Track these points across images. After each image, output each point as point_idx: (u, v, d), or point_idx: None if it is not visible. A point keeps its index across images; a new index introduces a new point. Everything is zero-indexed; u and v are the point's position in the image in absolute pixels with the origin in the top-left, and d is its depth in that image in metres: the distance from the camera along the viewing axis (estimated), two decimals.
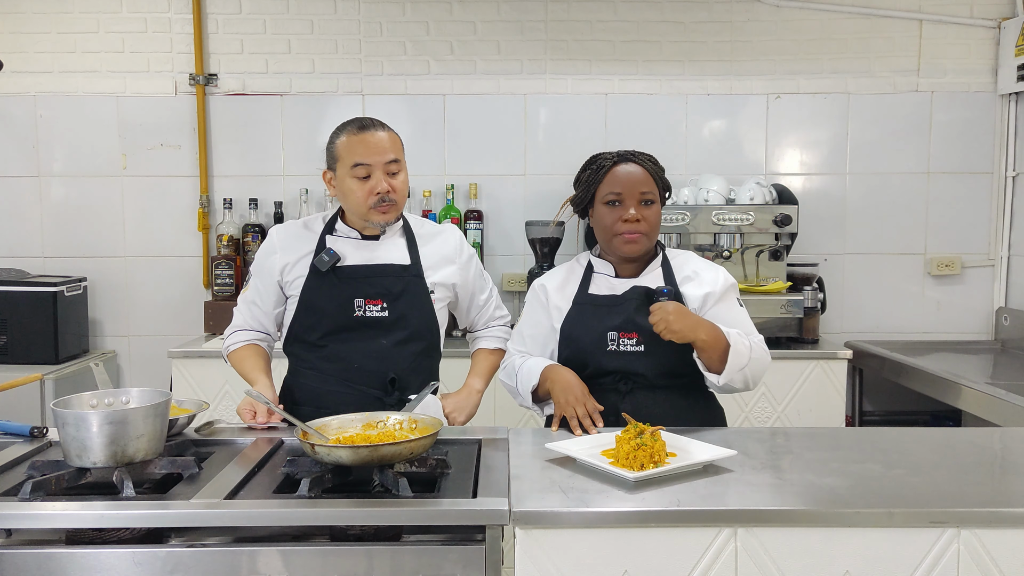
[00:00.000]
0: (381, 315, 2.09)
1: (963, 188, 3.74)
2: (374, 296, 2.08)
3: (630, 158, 2.10)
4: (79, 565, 1.43)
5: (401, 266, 2.13)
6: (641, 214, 2.06)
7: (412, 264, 2.14)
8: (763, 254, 3.45)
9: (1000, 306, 3.74)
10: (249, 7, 3.67)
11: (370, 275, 2.10)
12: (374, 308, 2.09)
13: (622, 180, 2.07)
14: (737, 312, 2.12)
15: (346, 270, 2.09)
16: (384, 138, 2.08)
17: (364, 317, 2.08)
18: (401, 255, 2.15)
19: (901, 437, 1.95)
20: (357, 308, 2.08)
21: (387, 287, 2.10)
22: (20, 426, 1.93)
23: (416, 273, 2.13)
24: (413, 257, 2.15)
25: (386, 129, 2.11)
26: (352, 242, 2.14)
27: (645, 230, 2.06)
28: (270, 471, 1.69)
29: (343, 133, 2.09)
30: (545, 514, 1.45)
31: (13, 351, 3.36)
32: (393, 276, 2.11)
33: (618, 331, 2.05)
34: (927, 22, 3.68)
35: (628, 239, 2.06)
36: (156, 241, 3.72)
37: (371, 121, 2.10)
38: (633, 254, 2.10)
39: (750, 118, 3.73)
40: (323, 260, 2.08)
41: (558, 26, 3.69)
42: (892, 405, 3.71)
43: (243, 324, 2.21)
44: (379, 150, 2.06)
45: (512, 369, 2.16)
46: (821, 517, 1.46)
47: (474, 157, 3.73)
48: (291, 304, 2.15)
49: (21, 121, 3.68)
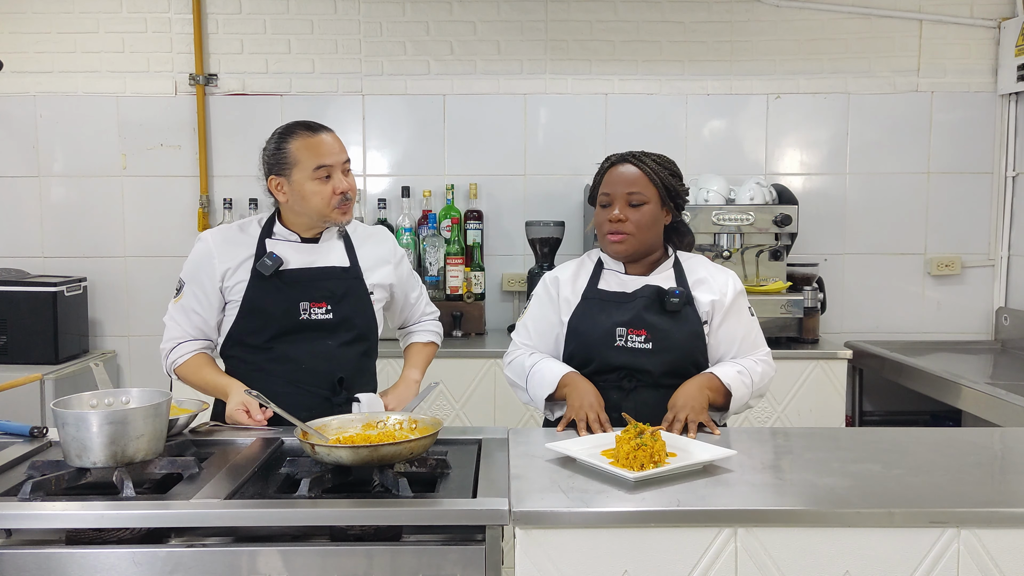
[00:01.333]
0: (326, 317, 2.10)
1: (963, 188, 3.74)
2: (319, 299, 2.10)
3: (629, 159, 2.10)
4: (79, 565, 1.43)
5: (342, 268, 2.15)
6: (626, 214, 2.06)
7: (352, 266, 2.16)
8: (763, 254, 3.45)
9: (1000, 306, 3.74)
10: (249, 7, 3.67)
11: (314, 278, 2.11)
12: (319, 311, 2.10)
13: (614, 180, 2.09)
14: (748, 324, 2.13)
15: (290, 274, 2.10)
16: (334, 139, 2.11)
17: (310, 320, 2.09)
18: (340, 257, 2.16)
19: (901, 437, 1.95)
20: (303, 311, 2.09)
21: (331, 289, 2.11)
22: (20, 426, 1.93)
23: (356, 275, 2.16)
24: (352, 259, 2.17)
25: (332, 131, 2.13)
26: (292, 245, 2.14)
27: (629, 231, 2.06)
28: (270, 471, 1.69)
29: (293, 138, 2.08)
30: (545, 514, 1.45)
31: (13, 351, 3.36)
32: (335, 278, 2.13)
33: (627, 327, 2.06)
34: (927, 22, 3.68)
35: (612, 240, 2.08)
36: (156, 241, 3.72)
37: (316, 123, 2.12)
38: (618, 255, 2.11)
39: (750, 118, 3.73)
40: (266, 264, 2.07)
41: (558, 26, 3.69)
42: (892, 405, 3.71)
43: (183, 335, 2.14)
44: (336, 151, 2.09)
45: (521, 367, 2.15)
46: (821, 517, 1.46)
47: (474, 157, 3.73)
48: (230, 309, 2.13)
49: (21, 121, 3.68)
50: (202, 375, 2.12)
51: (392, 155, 3.74)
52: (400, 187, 3.67)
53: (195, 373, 2.13)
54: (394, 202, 3.68)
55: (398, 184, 3.69)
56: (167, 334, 2.16)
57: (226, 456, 1.77)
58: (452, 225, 3.57)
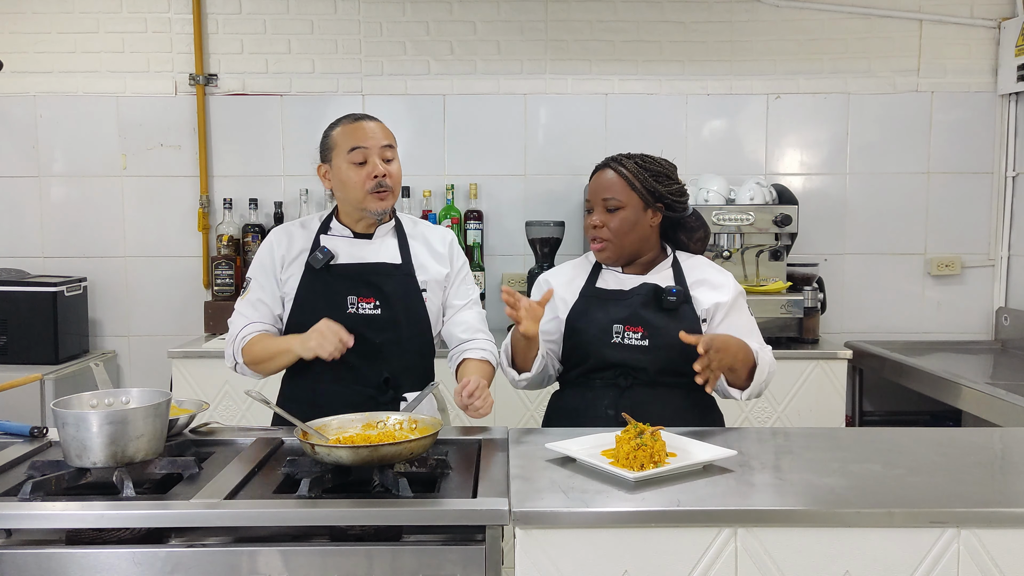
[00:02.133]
0: (374, 313, 2.09)
1: (963, 188, 3.74)
2: (367, 294, 2.09)
3: (610, 163, 2.12)
4: (79, 565, 1.43)
5: (393, 264, 2.14)
6: (603, 220, 2.08)
7: (404, 263, 2.15)
8: (763, 254, 3.45)
9: (1000, 306, 3.74)
10: (249, 7, 3.67)
11: (363, 273, 2.11)
12: (367, 306, 2.09)
13: (593, 187, 2.13)
14: (748, 322, 2.14)
15: (339, 268, 2.10)
16: (377, 126, 2.12)
17: (357, 314, 2.08)
18: (393, 254, 2.15)
19: (901, 437, 1.95)
20: (350, 305, 2.08)
21: (379, 285, 2.10)
22: (20, 426, 1.93)
23: (407, 272, 2.14)
24: (404, 256, 2.16)
25: (378, 121, 2.15)
26: (345, 240, 2.15)
27: (607, 236, 2.08)
28: (270, 471, 1.69)
29: (338, 125, 2.14)
30: (545, 514, 1.45)
31: (13, 351, 3.36)
32: (385, 274, 2.12)
33: (623, 324, 2.06)
34: (927, 22, 3.68)
35: (594, 247, 2.12)
36: (156, 241, 3.72)
37: (364, 114, 2.15)
38: (602, 260, 2.14)
39: (750, 118, 3.73)
40: (317, 258, 2.09)
41: (558, 26, 3.69)
42: (892, 405, 3.71)
43: (250, 319, 2.11)
44: (374, 135, 2.10)
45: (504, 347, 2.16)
46: (821, 517, 1.46)
47: (474, 157, 3.73)
48: (287, 303, 2.15)
49: (21, 121, 3.68)
50: (267, 342, 2.06)
51: None
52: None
53: (261, 341, 2.06)
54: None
55: None
56: (232, 328, 2.12)
57: (226, 456, 1.77)
58: (452, 225, 3.57)
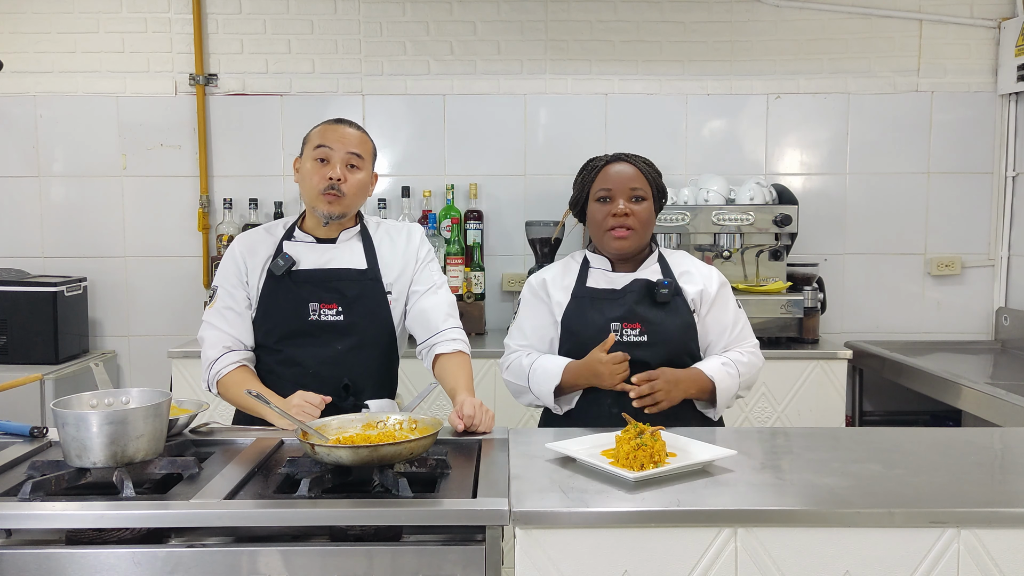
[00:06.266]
0: (336, 319, 2.07)
1: (963, 188, 3.74)
2: (329, 300, 2.07)
3: (623, 158, 2.15)
4: (79, 565, 1.43)
5: (357, 270, 2.11)
6: (630, 209, 2.09)
7: (369, 268, 2.12)
8: (763, 254, 3.45)
9: (1000, 306, 3.74)
10: (249, 7, 3.67)
11: (325, 279, 2.09)
12: (329, 312, 2.07)
13: (613, 177, 2.12)
14: (735, 313, 2.16)
15: (301, 274, 2.08)
16: (353, 133, 2.11)
17: (319, 321, 2.06)
18: (357, 259, 2.13)
19: (901, 437, 1.95)
20: (312, 312, 2.06)
21: (342, 291, 2.08)
22: (20, 426, 1.93)
23: (373, 277, 2.12)
24: (370, 260, 2.13)
25: (359, 129, 2.13)
26: (308, 246, 2.14)
27: (634, 225, 2.09)
28: (270, 471, 1.69)
29: (319, 124, 2.14)
30: (545, 514, 1.45)
31: (13, 351, 3.36)
32: (348, 280, 2.09)
33: (621, 322, 2.07)
34: (927, 22, 3.68)
35: (617, 235, 2.10)
36: (156, 241, 3.72)
37: (349, 121, 2.15)
38: (623, 251, 2.12)
39: (750, 118, 3.73)
40: (278, 264, 2.07)
41: (558, 26, 3.69)
42: (892, 405, 3.71)
43: (223, 341, 2.07)
44: (344, 140, 2.08)
45: (520, 367, 2.15)
46: (821, 517, 1.46)
47: (474, 157, 3.73)
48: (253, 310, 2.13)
49: (21, 121, 3.68)
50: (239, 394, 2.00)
51: (392, 155, 3.74)
52: (400, 187, 3.67)
53: (234, 386, 2.03)
54: (394, 202, 3.68)
55: (398, 184, 3.69)
56: (205, 346, 2.09)
57: (226, 456, 1.77)
58: (452, 225, 3.57)
